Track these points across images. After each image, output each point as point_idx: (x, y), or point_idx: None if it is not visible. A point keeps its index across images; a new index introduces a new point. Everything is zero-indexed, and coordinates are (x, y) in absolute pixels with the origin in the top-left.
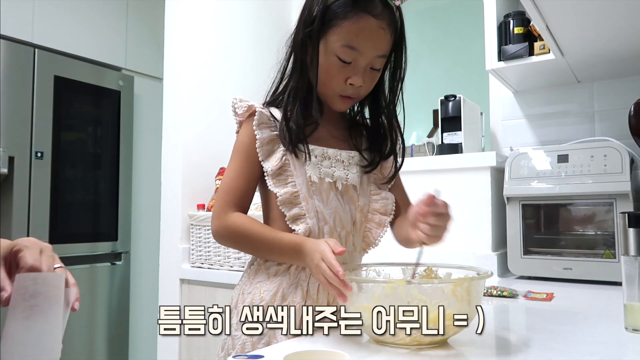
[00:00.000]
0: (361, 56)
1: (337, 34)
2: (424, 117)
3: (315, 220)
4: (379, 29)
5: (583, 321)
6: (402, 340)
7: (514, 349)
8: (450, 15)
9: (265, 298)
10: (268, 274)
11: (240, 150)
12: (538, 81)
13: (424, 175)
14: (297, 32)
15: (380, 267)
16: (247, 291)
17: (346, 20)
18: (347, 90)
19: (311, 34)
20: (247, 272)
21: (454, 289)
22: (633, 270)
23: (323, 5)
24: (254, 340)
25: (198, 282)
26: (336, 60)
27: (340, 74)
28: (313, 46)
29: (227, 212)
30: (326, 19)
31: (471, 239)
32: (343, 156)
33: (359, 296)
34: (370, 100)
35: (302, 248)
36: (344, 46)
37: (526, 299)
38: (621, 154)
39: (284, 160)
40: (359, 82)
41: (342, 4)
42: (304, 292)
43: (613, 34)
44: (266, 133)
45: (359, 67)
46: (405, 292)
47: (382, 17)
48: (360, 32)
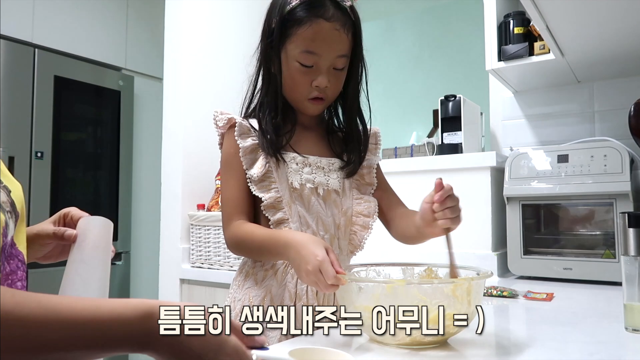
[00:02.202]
0: (320, 59)
1: (295, 42)
2: (424, 117)
3: (298, 224)
4: (333, 30)
5: (583, 321)
6: (402, 340)
7: (514, 349)
8: (450, 15)
9: (255, 303)
10: (256, 280)
11: (228, 161)
12: (538, 81)
13: (424, 175)
14: (262, 46)
15: (380, 267)
16: (237, 298)
17: (301, 27)
18: (314, 92)
19: (272, 44)
20: (237, 279)
21: (454, 289)
22: (633, 270)
23: (280, 16)
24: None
25: (198, 282)
26: (298, 66)
27: (304, 78)
28: (277, 57)
29: (232, 223)
30: (283, 29)
31: (471, 239)
32: (323, 163)
33: (358, 296)
34: (341, 102)
35: (289, 241)
36: (303, 52)
37: (526, 299)
38: (621, 154)
39: (267, 167)
40: (323, 82)
41: (296, 13)
42: (291, 294)
43: (613, 34)
44: (248, 142)
45: (321, 69)
46: (405, 292)
47: (334, 19)
48: (316, 36)
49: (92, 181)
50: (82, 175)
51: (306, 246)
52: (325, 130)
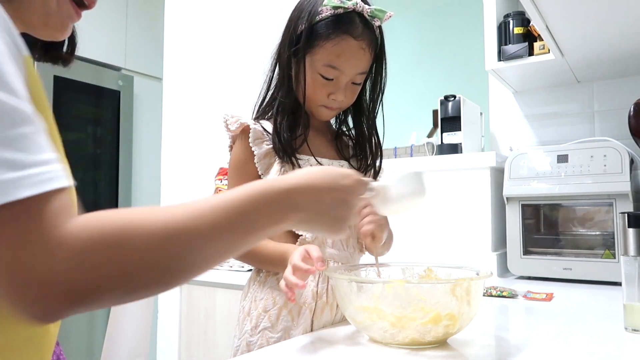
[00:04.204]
0: (342, 74)
1: (320, 54)
2: (424, 117)
3: None
4: (359, 49)
5: (583, 321)
6: (402, 340)
7: (514, 349)
8: (450, 15)
9: (279, 302)
10: (278, 279)
11: (239, 167)
12: (538, 81)
13: (424, 175)
14: (282, 49)
15: (380, 267)
16: (259, 297)
17: (328, 42)
18: (330, 103)
19: (297, 52)
20: (256, 280)
21: (453, 288)
22: (633, 270)
23: (308, 24)
24: (270, 344)
25: (198, 282)
26: (319, 78)
27: (323, 90)
28: (298, 64)
29: None
30: (310, 39)
31: (471, 239)
32: (335, 165)
33: (358, 296)
34: (353, 109)
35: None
36: (326, 65)
37: (526, 299)
38: (621, 154)
39: (282, 172)
40: (340, 97)
41: (325, 25)
42: (313, 292)
43: (613, 34)
44: (262, 148)
45: (341, 84)
46: (405, 292)
47: (362, 38)
48: (342, 53)
49: (92, 181)
50: (82, 175)
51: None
52: (334, 134)
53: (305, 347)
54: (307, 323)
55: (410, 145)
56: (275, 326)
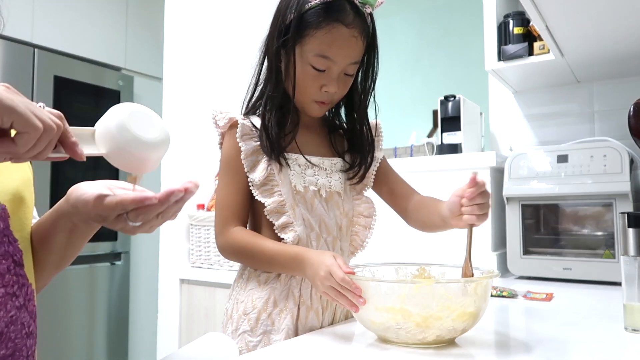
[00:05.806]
0: (334, 64)
1: (311, 44)
2: (424, 117)
3: (302, 227)
4: (351, 37)
5: (583, 321)
6: (410, 339)
7: (513, 349)
8: (450, 15)
9: (258, 305)
10: (259, 282)
11: (229, 163)
12: (538, 81)
13: (424, 175)
14: (271, 40)
15: (375, 267)
16: (240, 300)
17: (319, 30)
18: (322, 96)
19: (286, 43)
20: (239, 281)
21: (476, 287)
22: (633, 270)
23: (297, 13)
24: (250, 348)
25: (198, 282)
26: (310, 69)
27: (314, 82)
28: (288, 56)
29: (228, 228)
30: (299, 29)
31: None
32: (326, 164)
33: (382, 297)
34: (345, 102)
35: (303, 259)
36: (318, 55)
37: (526, 299)
38: (621, 154)
39: (269, 170)
40: (333, 89)
41: (315, 14)
42: (295, 298)
43: (613, 33)
44: (250, 144)
45: (333, 74)
46: (432, 291)
47: (353, 26)
48: (333, 42)
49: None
50: (82, 176)
51: (316, 257)
52: (327, 129)
53: (305, 348)
54: (289, 328)
55: (410, 145)
56: (255, 330)
